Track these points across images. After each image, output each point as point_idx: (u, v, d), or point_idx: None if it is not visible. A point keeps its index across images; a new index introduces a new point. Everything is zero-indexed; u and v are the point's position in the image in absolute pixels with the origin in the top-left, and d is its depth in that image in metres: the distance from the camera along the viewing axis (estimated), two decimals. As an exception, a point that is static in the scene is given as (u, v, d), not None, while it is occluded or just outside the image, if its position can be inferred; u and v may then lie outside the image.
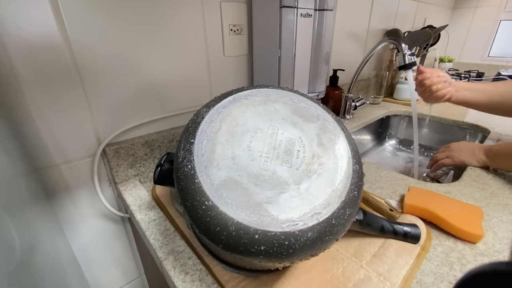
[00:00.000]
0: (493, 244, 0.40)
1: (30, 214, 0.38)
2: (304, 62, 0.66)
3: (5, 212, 0.30)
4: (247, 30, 0.65)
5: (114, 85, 0.50)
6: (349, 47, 1.03)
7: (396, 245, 0.39)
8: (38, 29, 0.40)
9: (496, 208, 0.47)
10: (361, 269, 0.35)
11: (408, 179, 0.57)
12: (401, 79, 1.20)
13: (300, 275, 0.34)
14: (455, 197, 0.50)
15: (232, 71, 0.67)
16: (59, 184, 0.49)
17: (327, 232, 0.26)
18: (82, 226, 0.54)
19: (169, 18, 0.53)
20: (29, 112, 0.42)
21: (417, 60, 1.28)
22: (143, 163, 0.57)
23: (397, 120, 1.11)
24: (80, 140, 0.49)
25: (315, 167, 0.28)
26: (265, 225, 0.24)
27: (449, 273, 0.35)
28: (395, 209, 0.46)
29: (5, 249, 0.28)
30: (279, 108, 0.32)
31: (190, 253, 0.38)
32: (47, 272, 0.38)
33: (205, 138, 0.28)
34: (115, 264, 0.63)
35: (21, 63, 0.40)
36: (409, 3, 1.27)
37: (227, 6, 0.60)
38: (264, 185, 0.26)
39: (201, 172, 0.26)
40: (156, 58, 0.54)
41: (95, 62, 0.47)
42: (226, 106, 0.31)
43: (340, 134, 0.32)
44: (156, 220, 0.45)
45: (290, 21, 0.58)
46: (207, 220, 0.25)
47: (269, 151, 0.28)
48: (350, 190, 0.28)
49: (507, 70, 1.51)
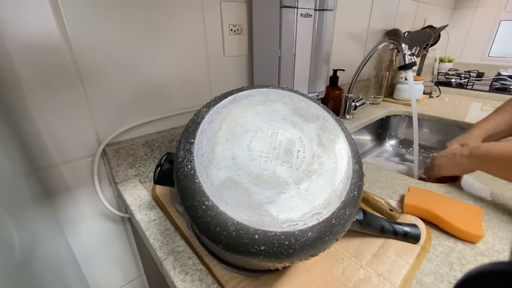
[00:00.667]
0: (493, 244, 0.40)
1: (30, 214, 0.38)
2: (304, 62, 0.66)
3: (5, 212, 0.30)
4: (247, 30, 0.65)
5: (114, 85, 0.50)
6: (349, 47, 1.03)
7: (396, 245, 0.39)
8: (38, 29, 0.40)
9: (496, 208, 0.47)
10: (361, 269, 0.35)
11: (408, 179, 0.57)
12: (401, 79, 1.20)
13: (300, 275, 0.34)
14: (455, 197, 0.50)
15: (232, 71, 0.67)
16: (59, 184, 0.49)
17: (327, 232, 0.26)
18: (82, 226, 0.54)
19: (169, 18, 0.53)
20: (29, 112, 0.42)
21: (417, 60, 1.29)
22: (143, 163, 0.57)
23: (397, 120, 1.11)
24: (80, 140, 0.49)
25: (315, 167, 0.28)
26: (265, 225, 0.24)
27: (449, 273, 0.35)
28: (395, 209, 0.46)
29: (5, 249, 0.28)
30: (279, 108, 0.32)
31: (190, 253, 0.38)
32: (47, 272, 0.38)
33: (205, 138, 0.28)
34: (115, 264, 0.63)
35: (21, 63, 0.40)
36: (409, 3, 1.27)
37: (227, 6, 0.60)
38: (264, 185, 0.26)
39: (201, 172, 0.26)
40: (156, 58, 0.54)
41: (95, 62, 0.47)
42: (226, 106, 0.31)
43: (340, 134, 0.32)
44: (156, 220, 0.45)
45: (290, 21, 0.58)
46: (207, 220, 0.25)
47: (269, 151, 0.28)
48: (350, 190, 0.28)
49: (507, 70, 1.51)
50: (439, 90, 1.33)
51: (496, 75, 1.50)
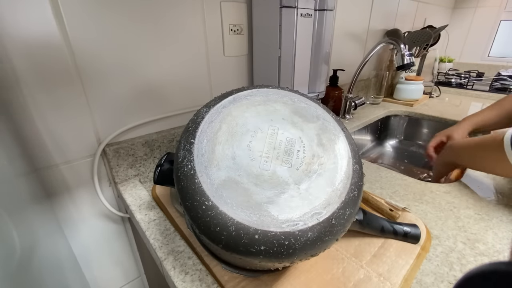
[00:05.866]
0: (493, 244, 0.40)
1: (30, 214, 0.38)
2: (304, 62, 0.66)
3: (5, 212, 0.30)
4: (247, 30, 0.65)
5: (114, 84, 0.50)
6: (349, 47, 1.03)
7: (396, 245, 0.39)
8: (38, 28, 0.40)
9: (496, 208, 0.47)
10: (361, 269, 0.35)
11: (408, 179, 0.57)
12: (401, 79, 1.20)
13: (300, 275, 0.34)
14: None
15: (232, 71, 0.67)
16: (59, 184, 0.49)
17: (327, 232, 0.26)
18: (82, 226, 0.54)
19: (169, 18, 0.53)
20: (29, 112, 0.42)
21: (416, 60, 1.29)
22: (143, 163, 0.57)
23: (397, 120, 1.11)
24: (80, 140, 0.49)
25: (315, 167, 0.28)
26: (265, 225, 0.24)
27: (449, 273, 0.35)
28: (395, 209, 0.46)
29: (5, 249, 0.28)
30: (279, 108, 0.32)
31: (190, 253, 0.38)
32: (47, 272, 0.38)
33: (205, 138, 0.28)
34: (115, 264, 0.63)
35: (21, 63, 0.40)
36: (409, 3, 1.27)
37: (227, 6, 0.60)
38: (264, 185, 0.26)
39: (201, 172, 0.26)
40: (156, 58, 0.54)
41: (95, 62, 0.47)
42: (226, 106, 0.31)
43: (340, 134, 0.32)
44: (156, 220, 0.45)
45: (290, 21, 0.58)
46: (207, 220, 0.25)
47: (269, 151, 0.28)
48: (350, 190, 0.28)
49: (507, 70, 1.51)
50: (439, 90, 1.33)
51: (496, 75, 1.50)
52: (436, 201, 0.49)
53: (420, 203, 0.49)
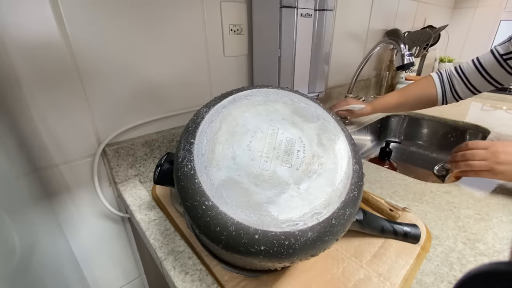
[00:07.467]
0: (493, 244, 0.40)
1: (30, 214, 0.38)
2: (304, 62, 0.66)
3: (5, 212, 0.30)
4: (247, 30, 0.65)
5: (114, 84, 0.50)
6: (349, 47, 1.03)
7: (396, 245, 0.39)
8: (38, 28, 0.40)
9: (496, 208, 0.47)
10: (361, 269, 0.35)
11: (408, 179, 0.57)
12: (401, 79, 1.20)
13: (300, 275, 0.34)
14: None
15: (232, 71, 0.67)
16: (59, 184, 0.49)
17: (327, 232, 0.26)
18: (82, 226, 0.54)
19: (169, 18, 0.53)
20: (29, 112, 0.42)
21: (416, 60, 1.29)
22: (143, 163, 0.57)
23: (397, 120, 1.11)
24: (80, 140, 0.49)
25: (315, 167, 0.28)
26: (265, 225, 0.24)
27: (449, 273, 0.35)
28: (395, 209, 0.46)
29: (5, 249, 0.28)
30: (279, 108, 0.32)
31: (190, 253, 0.38)
32: (47, 272, 0.38)
33: (205, 138, 0.28)
34: (115, 264, 0.63)
35: (21, 63, 0.40)
36: (409, 3, 1.27)
37: (227, 6, 0.60)
38: (264, 185, 0.26)
39: (201, 172, 0.26)
40: (156, 58, 0.54)
41: (95, 62, 0.47)
42: (226, 106, 0.31)
43: (340, 134, 0.32)
44: (156, 220, 0.45)
45: (290, 21, 0.58)
46: (207, 220, 0.25)
47: (269, 151, 0.28)
48: (350, 190, 0.28)
49: (507, 70, 1.51)
50: (439, 90, 1.33)
51: (496, 75, 1.49)
52: (436, 201, 0.49)
53: (420, 203, 0.49)
